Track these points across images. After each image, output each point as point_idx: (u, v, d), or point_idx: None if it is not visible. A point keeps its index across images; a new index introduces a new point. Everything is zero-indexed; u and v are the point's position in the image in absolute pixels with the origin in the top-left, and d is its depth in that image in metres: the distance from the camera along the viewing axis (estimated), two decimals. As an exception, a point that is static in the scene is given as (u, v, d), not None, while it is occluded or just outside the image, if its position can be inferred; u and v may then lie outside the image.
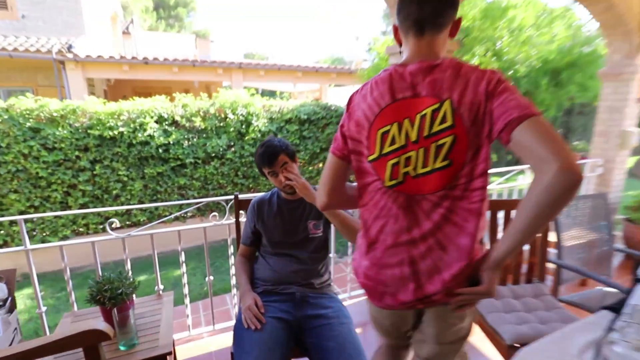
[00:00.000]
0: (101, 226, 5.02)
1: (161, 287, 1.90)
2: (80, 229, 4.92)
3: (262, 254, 1.63)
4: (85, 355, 0.99)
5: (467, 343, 1.02)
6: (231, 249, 2.09)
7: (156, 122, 5.07)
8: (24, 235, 1.71)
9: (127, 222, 5.30)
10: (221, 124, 5.52)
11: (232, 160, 5.65)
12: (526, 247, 1.95)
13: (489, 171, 0.85)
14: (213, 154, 5.49)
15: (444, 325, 0.95)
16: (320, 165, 6.50)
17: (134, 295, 1.69)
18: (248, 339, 1.30)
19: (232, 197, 1.83)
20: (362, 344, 1.31)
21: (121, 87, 9.52)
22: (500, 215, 1.76)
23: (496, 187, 2.88)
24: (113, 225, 1.82)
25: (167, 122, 5.16)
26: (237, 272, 1.63)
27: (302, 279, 1.52)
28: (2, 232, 4.55)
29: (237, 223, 1.83)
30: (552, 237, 1.88)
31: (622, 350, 0.86)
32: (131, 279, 1.57)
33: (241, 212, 1.82)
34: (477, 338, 1.72)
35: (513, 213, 1.26)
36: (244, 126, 5.61)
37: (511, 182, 2.94)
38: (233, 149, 5.66)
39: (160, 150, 5.08)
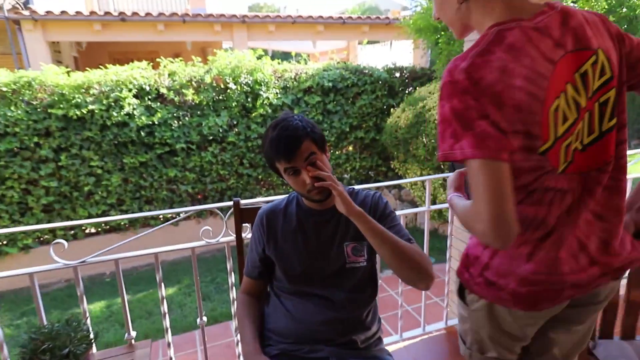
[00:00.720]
0: (72, 232, 4.95)
1: (133, 334, 1.66)
2: (46, 236, 4.88)
3: (275, 291, 1.40)
4: None
5: None
6: (230, 262, 1.83)
7: (136, 96, 4.90)
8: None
9: (104, 226, 5.22)
10: (220, 97, 5.30)
11: (236, 145, 5.44)
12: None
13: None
14: (211, 137, 5.29)
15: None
16: (351, 148, 6.18)
17: (92, 350, 1.46)
18: None
19: (230, 203, 1.56)
20: None
21: (95, 53, 9.47)
22: None
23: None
24: (83, 232, 1.58)
25: (150, 97, 4.99)
26: (239, 318, 1.39)
27: (338, 334, 1.28)
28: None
29: (239, 243, 1.56)
30: None
31: None
32: (86, 330, 1.35)
33: (247, 225, 1.56)
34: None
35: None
36: (249, 99, 5.36)
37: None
38: (236, 130, 5.44)
39: (142, 134, 4.93)
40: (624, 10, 4.82)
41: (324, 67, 5.86)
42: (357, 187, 1.43)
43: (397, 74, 6.27)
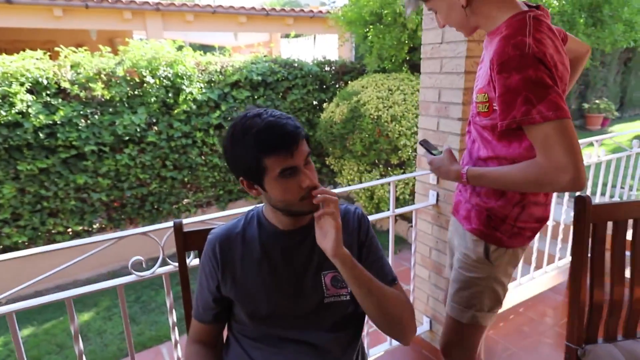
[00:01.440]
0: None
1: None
2: None
3: (237, 336, 1.10)
4: None
5: None
6: (171, 298, 1.45)
7: (30, 91, 4.14)
8: None
9: (-2, 247, 4.38)
10: (136, 92, 4.69)
11: (156, 145, 4.86)
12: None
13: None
14: (127, 137, 4.66)
15: None
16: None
17: None
18: None
19: (168, 225, 1.21)
20: None
21: (-23, 41, 8.07)
22: None
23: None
24: None
25: (49, 92, 4.25)
26: None
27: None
28: None
29: (184, 277, 1.21)
30: None
31: None
32: None
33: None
34: None
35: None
36: (170, 94, 4.82)
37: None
38: (156, 129, 4.86)
39: (41, 135, 4.17)
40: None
41: (251, 60, 5.46)
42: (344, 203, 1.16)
43: (328, 68, 6.07)
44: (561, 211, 2.69)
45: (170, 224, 1.19)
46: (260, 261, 1.01)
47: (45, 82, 4.17)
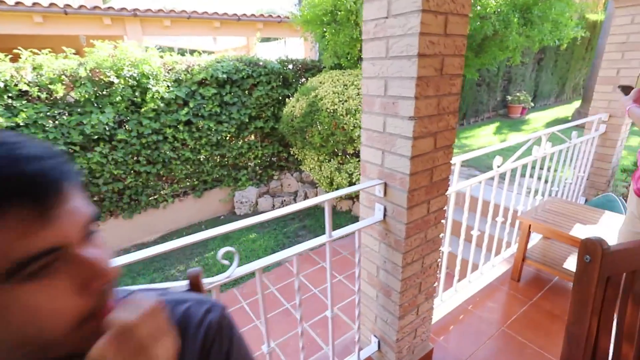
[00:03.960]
0: None
1: None
2: None
3: None
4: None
5: None
6: None
7: (-14, 94, 3.31)
8: None
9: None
10: (103, 92, 3.89)
11: (128, 142, 4.11)
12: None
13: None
14: (96, 136, 3.89)
15: None
16: (252, 137, 5.19)
17: None
18: None
19: None
20: None
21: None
22: None
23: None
24: None
25: (10, 94, 3.42)
26: None
27: None
28: None
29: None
30: None
31: None
32: None
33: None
34: None
35: None
36: (137, 93, 4.03)
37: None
38: (126, 127, 4.09)
39: (3, 137, 3.36)
40: (478, 8, 4.44)
41: (217, 59, 4.68)
42: (189, 297, 0.51)
43: (290, 66, 5.33)
44: (511, 197, 2.18)
45: None
46: None
47: (1, 84, 3.33)
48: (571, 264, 2.15)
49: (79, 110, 3.80)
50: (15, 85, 3.43)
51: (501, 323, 1.94)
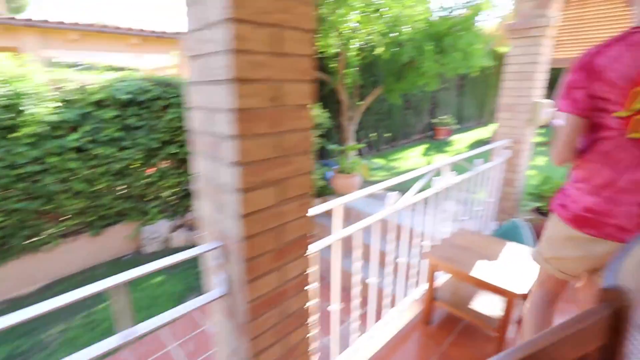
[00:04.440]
0: None
1: None
2: None
3: None
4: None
5: None
6: None
7: None
8: None
9: None
10: (-40, 114, 3.17)
11: (-4, 174, 3.37)
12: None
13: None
14: (-53, 167, 3.13)
15: None
16: (164, 164, 4.65)
17: None
18: None
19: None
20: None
21: None
22: None
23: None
24: None
25: None
26: None
27: None
28: None
29: None
30: None
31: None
32: None
33: None
34: None
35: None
36: (7, 115, 3.35)
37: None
38: (-7, 155, 3.37)
39: None
40: (394, 35, 4.50)
41: (119, 77, 4.16)
42: None
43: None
44: (426, 222, 1.98)
45: None
46: None
47: None
48: (478, 305, 2.00)
49: None
50: None
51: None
